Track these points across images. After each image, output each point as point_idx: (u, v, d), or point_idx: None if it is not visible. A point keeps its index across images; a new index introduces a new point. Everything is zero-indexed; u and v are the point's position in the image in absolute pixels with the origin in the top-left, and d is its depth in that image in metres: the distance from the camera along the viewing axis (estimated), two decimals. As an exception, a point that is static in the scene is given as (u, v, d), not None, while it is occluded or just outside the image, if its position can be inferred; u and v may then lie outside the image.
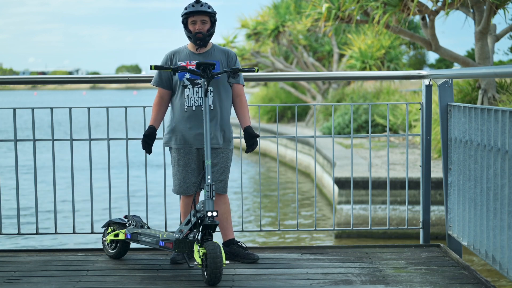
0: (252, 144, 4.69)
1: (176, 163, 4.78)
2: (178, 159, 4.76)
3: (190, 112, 4.70)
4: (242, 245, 4.87)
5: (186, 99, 4.70)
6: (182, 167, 4.75)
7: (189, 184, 4.76)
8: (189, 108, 4.70)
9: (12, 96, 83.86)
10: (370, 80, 17.63)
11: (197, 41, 4.68)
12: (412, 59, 36.84)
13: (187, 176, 4.76)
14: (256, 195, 14.32)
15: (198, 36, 4.66)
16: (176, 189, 4.81)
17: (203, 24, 4.68)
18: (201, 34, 4.66)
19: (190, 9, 4.66)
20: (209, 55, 4.76)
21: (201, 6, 4.66)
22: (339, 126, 17.75)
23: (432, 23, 10.97)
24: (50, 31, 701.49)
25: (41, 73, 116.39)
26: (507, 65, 3.99)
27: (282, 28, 21.87)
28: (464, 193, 4.77)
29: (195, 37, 4.67)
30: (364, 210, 10.52)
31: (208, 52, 4.77)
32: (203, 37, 4.67)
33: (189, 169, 4.75)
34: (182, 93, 4.71)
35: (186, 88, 4.70)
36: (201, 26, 4.67)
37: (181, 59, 4.76)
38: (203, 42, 4.69)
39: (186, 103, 4.70)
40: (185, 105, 4.70)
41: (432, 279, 4.37)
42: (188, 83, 4.69)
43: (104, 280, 4.43)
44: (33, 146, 5.43)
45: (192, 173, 4.75)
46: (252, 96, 30.18)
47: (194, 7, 4.66)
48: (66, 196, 10.79)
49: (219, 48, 4.82)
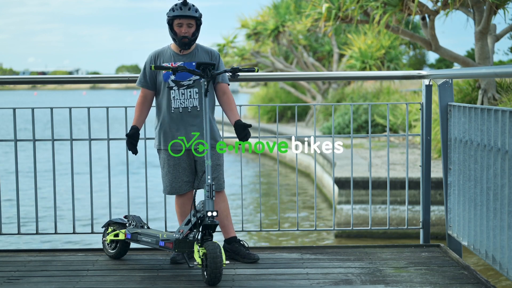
0: (245, 135, 4.63)
1: (166, 164, 4.78)
2: (168, 160, 4.76)
3: (177, 114, 4.69)
4: (244, 244, 4.87)
5: (172, 100, 4.69)
6: (173, 167, 4.75)
7: (181, 183, 4.77)
8: (176, 109, 4.70)
9: (12, 96, 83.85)
10: (370, 80, 17.63)
11: (182, 45, 4.68)
12: (412, 59, 36.82)
13: (178, 176, 4.76)
14: (256, 196, 14.32)
15: (183, 41, 4.65)
16: (168, 190, 4.81)
17: (189, 27, 4.65)
18: (186, 39, 4.64)
19: (177, 12, 4.61)
20: (193, 55, 4.75)
21: (189, 9, 4.62)
22: (339, 126, 17.75)
23: (432, 23, 10.97)
24: (50, 31, 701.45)
25: (41, 73, 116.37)
26: (507, 65, 3.99)
27: (282, 28, 21.88)
28: (464, 193, 4.77)
29: (181, 42, 4.66)
30: (364, 210, 10.52)
31: (192, 53, 4.76)
32: (189, 42, 4.66)
33: (180, 168, 4.75)
34: (168, 94, 4.70)
35: (171, 90, 4.69)
36: (187, 29, 4.64)
37: (165, 60, 4.74)
38: (188, 46, 4.69)
39: (172, 104, 4.70)
40: (172, 107, 4.70)
41: (432, 279, 4.37)
42: (174, 84, 4.69)
43: (104, 280, 4.43)
44: (33, 146, 5.43)
45: (183, 172, 4.76)
46: (252, 96, 30.19)
47: (182, 10, 4.61)
48: (67, 196, 10.80)
49: (203, 48, 4.81)
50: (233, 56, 24.11)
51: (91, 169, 5.44)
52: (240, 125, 4.65)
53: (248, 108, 26.67)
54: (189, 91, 4.68)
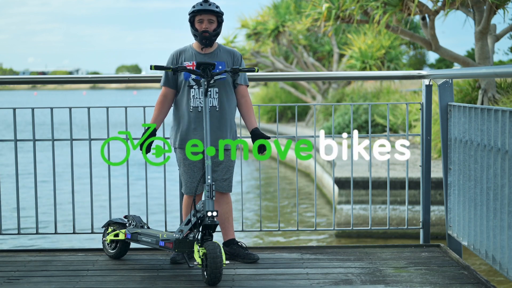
0: (261, 147, 4.64)
1: (182, 163, 4.77)
2: (183, 159, 4.74)
3: (196, 113, 4.68)
4: (242, 245, 4.87)
5: (191, 99, 4.68)
6: (188, 167, 4.74)
7: (197, 183, 4.73)
8: (195, 108, 4.68)
9: (12, 96, 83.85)
10: (370, 80, 17.63)
11: (203, 39, 4.67)
12: (412, 59, 36.82)
13: (193, 176, 4.74)
14: (256, 196, 14.32)
15: (204, 35, 4.65)
16: (184, 189, 4.80)
17: (210, 23, 4.66)
18: (207, 33, 4.65)
19: (198, 8, 4.65)
20: (215, 55, 4.74)
21: (209, 5, 4.65)
22: (339, 126, 17.75)
23: (432, 23, 10.97)
24: (50, 31, 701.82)
25: (41, 73, 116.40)
26: (507, 65, 3.99)
27: (282, 28, 21.87)
28: (464, 193, 4.77)
29: (201, 36, 4.66)
30: (364, 210, 10.52)
31: (214, 52, 4.75)
32: (209, 36, 4.66)
33: (195, 168, 4.73)
34: (188, 93, 4.69)
35: (191, 89, 4.68)
36: (207, 25, 4.65)
37: (187, 58, 4.75)
38: (209, 41, 4.68)
39: (191, 103, 4.68)
40: (191, 106, 4.68)
41: (432, 279, 4.37)
42: (194, 83, 4.68)
43: (104, 280, 4.43)
44: (33, 146, 5.43)
45: (199, 172, 4.73)
46: (252, 96, 30.18)
47: (202, 6, 4.65)
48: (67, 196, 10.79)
49: (225, 48, 4.80)
50: (233, 56, 24.08)
51: (91, 169, 5.44)
52: (257, 134, 4.68)
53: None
54: (209, 90, 4.67)
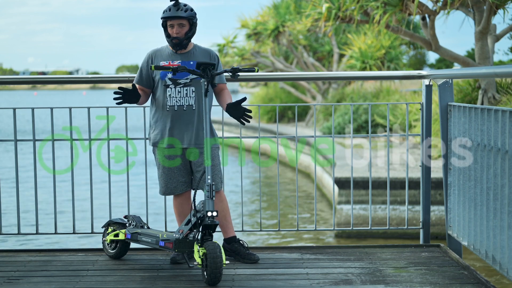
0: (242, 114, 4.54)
1: (161, 165, 4.78)
2: (162, 160, 4.76)
3: (172, 112, 4.69)
4: (244, 244, 4.87)
5: (168, 98, 4.69)
6: (168, 168, 4.75)
7: (177, 183, 4.76)
8: (171, 107, 4.70)
9: (12, 96, 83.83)
10: (370, 80, 17.62)
11: (173, 46, 4.71)
12: (412, 59, 36.85)
13: (174, 176, 4.75)
14: (256, 196, 14.31)
15: (174, 42, 4.68)
16: (163, 190, 4.81)
17: (181, 27, 4.66)
18: (177, 40, 4.67)
19: (166, 14, 4.65)
20: (190, 55, 4.76)
21: (178, 10, 4.63)
22: (339, 126, 17.74)
23: (432, 23, 10.97)
24: (50, 31, 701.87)
25: (41, 73, 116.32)
26: (507, 65, 3.99)
27: (282, 28, 21.87)
28: (464, 193, 4.77)
29: (172, 42, 4.69)
30: (364, 210, 10.52)
31: (189, 52, 4.76)
32: (179, 42, 4.68)
33: (175, 169, 4.75)
34: (164, 92, 4.71)
35: (168, 88, 4.70)
36: (178, 29, 4.66)
37: (163, 58, 4.76)
38: (179, 46, 4.70)
39: (168, 102, 4.69)
40: (167, 105, 4.70)
41: (432, 279, 4.37)
42: (170, 82, 4.69)
43: (104, 280, 4.43)
44: (33, 146, 5.43)
45: (179, 172, 4.75)
46: (252, 96, 30.18)
47: (170, 12, 4.64)
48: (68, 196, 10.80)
49: (201, 48, 4.81)
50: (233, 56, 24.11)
51: (91, 169, 5.44)
52: (231, 105, 4.60)
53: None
54: (186, 90, 4.68)
